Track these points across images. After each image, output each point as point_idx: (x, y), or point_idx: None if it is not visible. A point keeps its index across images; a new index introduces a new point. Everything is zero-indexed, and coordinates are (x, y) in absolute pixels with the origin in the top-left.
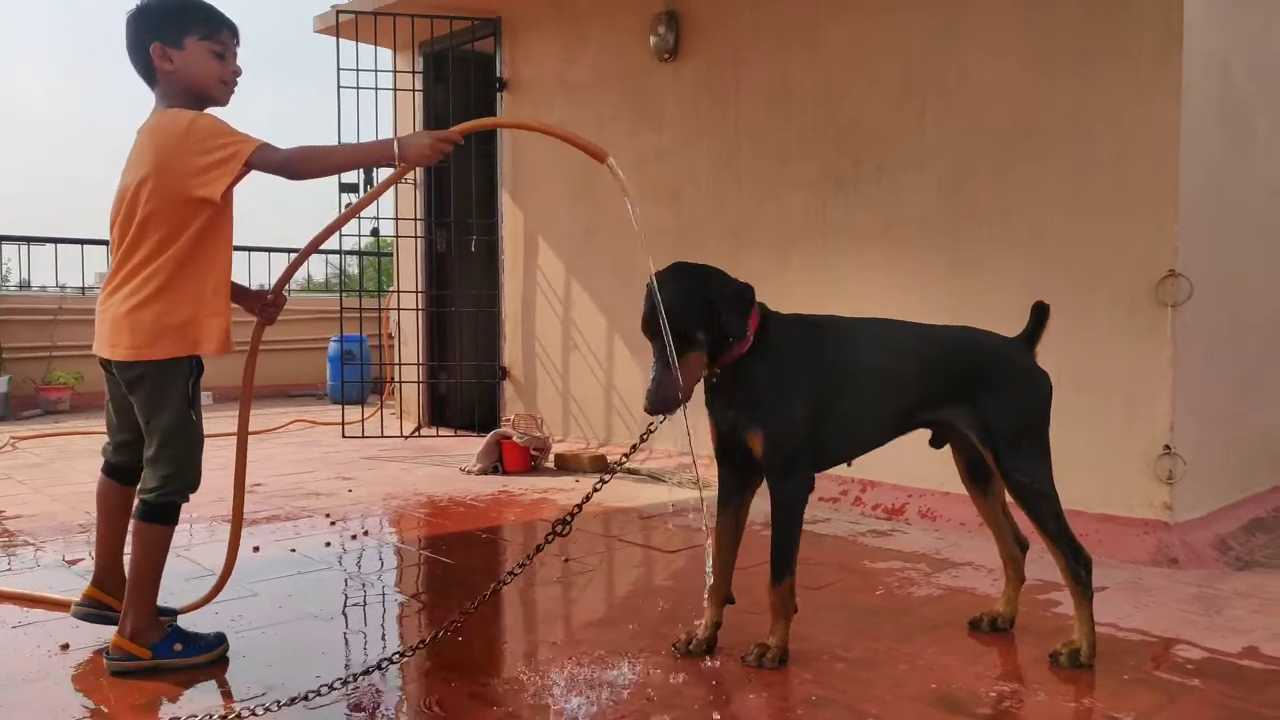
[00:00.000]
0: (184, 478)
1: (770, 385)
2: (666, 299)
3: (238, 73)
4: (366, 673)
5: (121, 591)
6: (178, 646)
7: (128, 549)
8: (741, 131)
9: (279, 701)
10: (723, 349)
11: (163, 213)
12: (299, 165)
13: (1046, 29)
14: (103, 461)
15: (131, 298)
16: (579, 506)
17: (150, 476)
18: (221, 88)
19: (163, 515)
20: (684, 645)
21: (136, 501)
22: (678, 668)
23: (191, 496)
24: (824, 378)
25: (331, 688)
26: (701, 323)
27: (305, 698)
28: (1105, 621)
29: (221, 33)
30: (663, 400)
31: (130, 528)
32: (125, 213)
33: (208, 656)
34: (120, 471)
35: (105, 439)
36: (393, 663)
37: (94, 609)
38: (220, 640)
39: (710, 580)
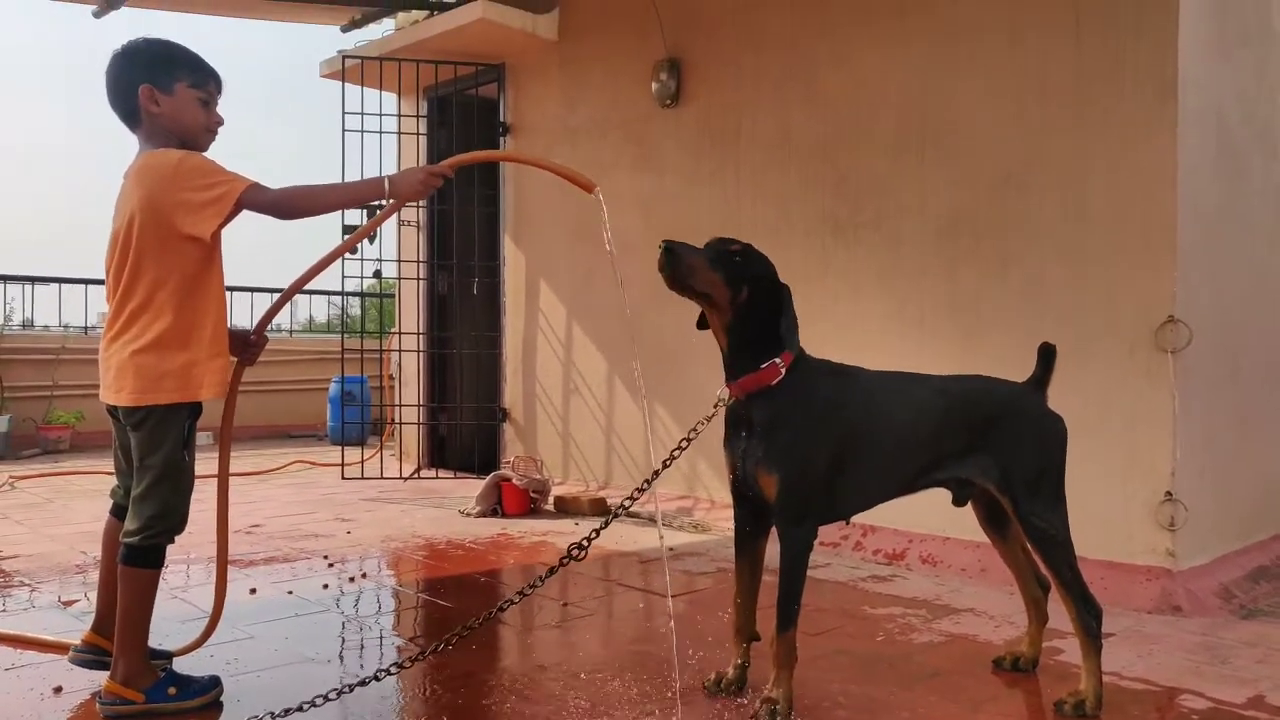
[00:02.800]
0: (169, 519)
1: (792, 428)
2: (722, 242)
3: (220, 122)
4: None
5: None
6: (172, 690)
7: None
8: (742, 177)
9: None
10: (737, 315)
11: (153, 253)
12: (290, 205)
13: (1041, 77)
14: (112, 504)
15: (134, 342)
16: (596, 532)
17: (135, 516)
18: (206, 135)
19: (148, 558)
20: (714, 685)
21: (121, 545)
22: (676, 714)
23: (187, 538)
24: (848, 429)
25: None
26: (729, 276)
27: None
28: (1109, 670)
29: (209, 83)
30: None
31: (118, 573)
32: (119, 256)
33: (201, 700)
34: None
35: (109, 480)
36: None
37: (92, 654)
38: (215, 684)
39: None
